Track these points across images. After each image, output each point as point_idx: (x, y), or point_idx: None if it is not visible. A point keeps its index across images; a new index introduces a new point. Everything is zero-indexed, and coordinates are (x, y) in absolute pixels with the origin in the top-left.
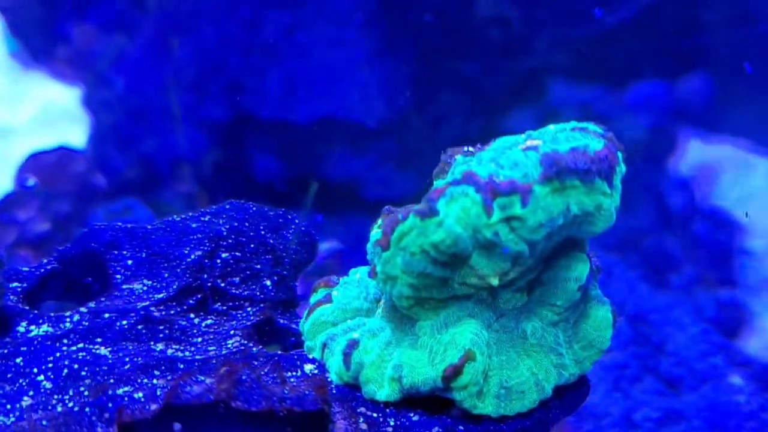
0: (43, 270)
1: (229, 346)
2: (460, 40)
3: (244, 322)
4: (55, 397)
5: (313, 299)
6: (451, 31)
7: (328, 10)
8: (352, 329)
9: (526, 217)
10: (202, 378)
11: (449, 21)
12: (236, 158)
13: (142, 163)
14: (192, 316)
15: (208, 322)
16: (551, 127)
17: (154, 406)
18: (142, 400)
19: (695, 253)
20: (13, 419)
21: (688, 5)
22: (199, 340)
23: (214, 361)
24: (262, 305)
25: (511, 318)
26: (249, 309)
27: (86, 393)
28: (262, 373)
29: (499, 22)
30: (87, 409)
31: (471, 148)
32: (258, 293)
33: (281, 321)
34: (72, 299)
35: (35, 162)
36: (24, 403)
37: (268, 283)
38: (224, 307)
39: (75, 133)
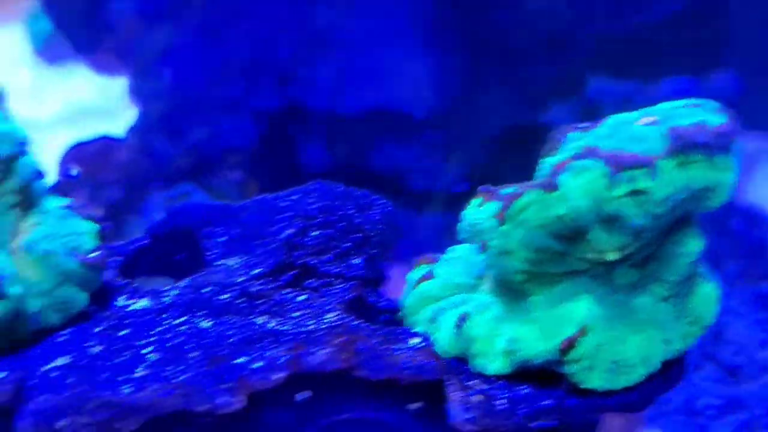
0: (135, 245)
1: (328, 320)
2: (508, 33)
3: (338, 298)
4: (168, 368)
5: (414, 275)
6: (500, 23)
7: (379, 3)
8: (459, 304)
9: (653, 191)
10: (319, 348)
11: (498, 13)
12: (284, 147)
13: (192, 151)
14: (286, 291)
15: (301, 297)
16: (665, 104)
17: (277, 375)
18: (262, 369)
19: (735, 250)
20: (131, 390)
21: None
22: (297, 314)
23: (319, 334)
24: (351, 282)
25: (624, 293)
26: (339, 286)
27: (201, 364)
28: (376, 343)
29: (547, 15)
30: (210, 379)
31: (582, 125)
32: (347, 271)
33: (371, 298)
34: (163, 274)
35: (78, 152)
36: (138, 374)
37: (357, 261)
38: (316, 284)
39: (116, 123)
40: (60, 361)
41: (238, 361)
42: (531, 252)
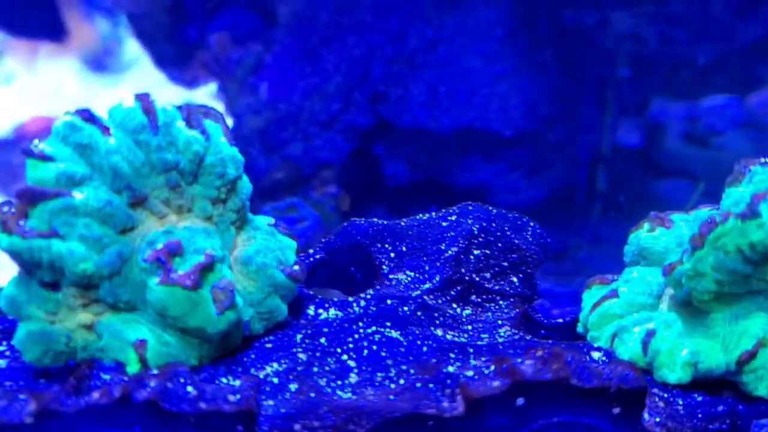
0: (312, 259)
1: (502, 334)
2: (594, 56)
3: (504, 314)
4: (379, 374)
5: (594, 294)
6: (588, 46)
7: (470, 25)
8: (643, 321)
9: None
10: (523, 360)
11: (586, 36)
12: (370, 162)
13: (287, 165)
14: (454, 305)
15: (467, 312)
16: None
17: (496, 383)
18: (476, 378)
19: None
20: (349, 394)
21: None
22: (469, 327)
23: (519, 347)
24: (512, 299)
25: None
26: (501, 302)
27: (411, 371)
28: (579, 356)
29: (632, 39)
30: (431, 385)
31: (764, 160)
32: (507, 288)
33: (534, 314)
34: (336, 287)
35: None
36: (352, 380)
37: (515, 280)
38: (479, 300)
39: None
40: (275, 367)
41: (450, 369)
42: (723, 274)
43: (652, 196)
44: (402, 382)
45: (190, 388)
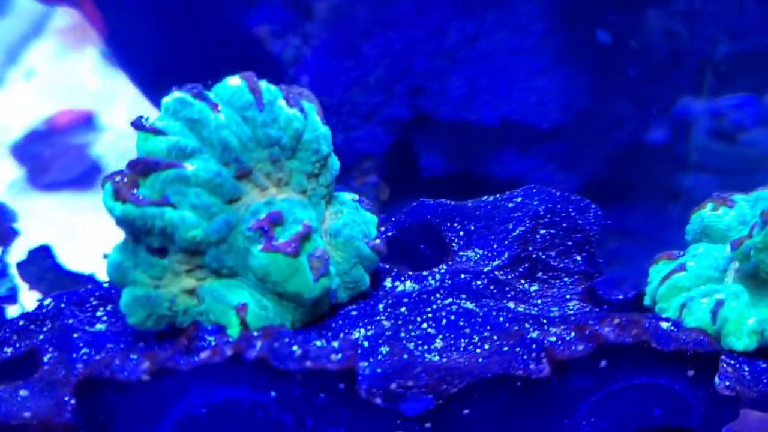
0: (385, 236)
1: (571, 307)
2: (629, 51)
3: (570, 289)
4: (462, 341)
5: (662, 269)
6: (623, 42)
7: (510, 20)
8: (711, 293)
9: None
10: (602, 326)
11: (622, 32)
12: (407, 153)
13: None
14: (522, 281)
15: (534, 288)
16: None
17: (581, 347)
18: (559, 343)
19: None
20: (437, 357)
21: None
22: (539, 302)
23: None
24: (576, 276)
25: None
26: (566, 279)
27: (494, 337)
28: (655, 323)
29: (665, 35)
30: (517, 349)
31: None
32: (572, 266)
33: (599, 291)
34: (405, 263)
35: None
36: (437, 345)
37: (578, 258)
38: (545, 276)
39: None
40: (362, 332)
41: (532, 335)
42: None
43: (678, 191)
44: (487, 347)
45: (295, 348)
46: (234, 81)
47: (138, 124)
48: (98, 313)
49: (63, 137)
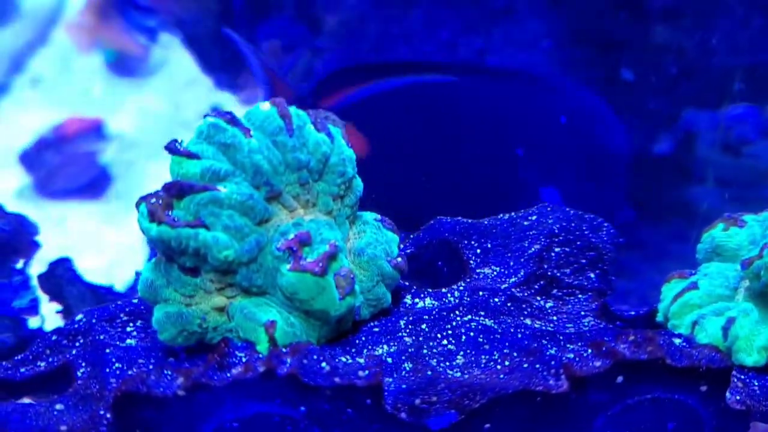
0: (404, 254)
1: (586, 324)
2: (638, 66)
3: (584, 306)
4: (483, 357)
5: (674, 287)
6: (631, 57)
7: (518, 36)
8: (723, 311)
9: None
10: (618, 343)
11: (629, 47)
12: None
13: None
14: (538, 298)
15: (549, 304)
16: None
17: (598, 363)
18: (577, 359)
19: None
20: (459, 374)
21: None
22: (555, 318)
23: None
24: (590, 294)
25: None
26: (580, 296)
27: (514, 354)
28: (669, 339)
29: (670, 51)
30: (537, 366)
31: None
32: (586, 283)
33: (612, 307)
34: (421, 280)
35: None
36: (459, 362)
37: (592, 275)
38: (560, 293)
39: None
40: (386, 348)
41: (551, 352)
42: None
43: (683, 203)
44: (507, 363)
45: (324, 364)
46: (265, 106)
47: (172, 148)
48: (128, 329)
49: (71, 145)
